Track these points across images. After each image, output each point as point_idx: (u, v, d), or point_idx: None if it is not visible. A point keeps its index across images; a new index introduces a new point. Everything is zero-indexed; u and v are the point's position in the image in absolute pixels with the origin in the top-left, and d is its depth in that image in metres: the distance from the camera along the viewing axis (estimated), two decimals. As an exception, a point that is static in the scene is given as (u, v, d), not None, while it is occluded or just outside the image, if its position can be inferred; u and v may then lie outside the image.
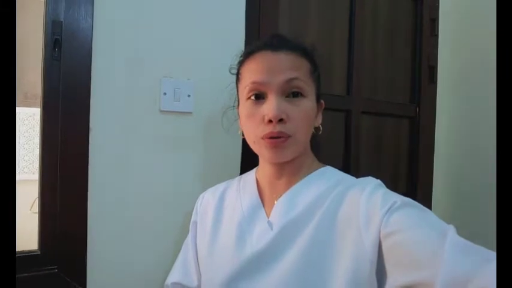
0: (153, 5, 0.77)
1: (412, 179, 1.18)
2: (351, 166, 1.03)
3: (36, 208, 0.73)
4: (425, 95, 1.18)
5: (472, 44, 1.18)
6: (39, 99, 0.72)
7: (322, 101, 0.66)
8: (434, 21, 1.19)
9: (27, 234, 0.73)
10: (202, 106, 0.82)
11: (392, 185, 0.57)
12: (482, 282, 0.37)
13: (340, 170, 0.65)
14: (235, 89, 0.67)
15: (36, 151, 1.70)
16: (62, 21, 0.69)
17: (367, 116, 1.07)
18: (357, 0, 1.04)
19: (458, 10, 1.22)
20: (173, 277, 0.70)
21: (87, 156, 0.71)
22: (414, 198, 0.52)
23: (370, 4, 1.08)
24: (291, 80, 0.57)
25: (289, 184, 0.62)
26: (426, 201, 1.17)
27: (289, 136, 0.57)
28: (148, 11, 0.76)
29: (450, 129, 1.23)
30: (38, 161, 0.76)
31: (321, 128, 0.65)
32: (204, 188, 0.75)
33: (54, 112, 0.69)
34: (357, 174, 0.62)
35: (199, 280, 0.68)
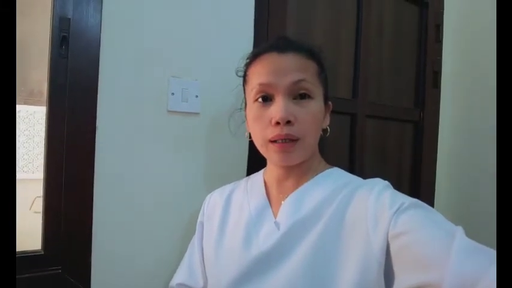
0: (163, 5, 0.77)
1: (415, 183, 1.19)
2: (355, 169, 1.03)
3: (36, 207, 0.72)
4: (429, 100, 1.19)
5: (475, 50, 1.19)
6: (44, 97, 0.71)
7: (330, 103, 0.65)
8: (438, 27, 1.20)
9: (28, 234, 0.72)
10: (209, 107, 0.82)
11: (396, 188, 0.57)
12: (488, 285, 0.37)
13: (344, 172, 0.64)
14: (242, 91, 0.67)
15: (36, 150, 1.68)
16: (69, 18, 0.68)
17: (372, 120, 1.08)
18: (364, 5, 1.05)
19: (462, 16, 1.23)
20: (178, 278, 0.70)
21: (93, 156, 0.70)
22: (417, 202, 0.51)
23: (376, 9, 1.09)
24: (299, 81, 0.57)
25: (297, 185, 0.61)
26: (429, 204, 1.17)
27: (297, 139, 0.56)
28: (157, 10, 0.76)
29: (453, 134, 1.24)
30: (37, 160, 0.75)
31: (329, 130, 0.65)
32: (210, 189, 0.74)
33: (61, 110, 0.68)
34: (361, 177, 0.62)
35: (204, 281, 0.67)
